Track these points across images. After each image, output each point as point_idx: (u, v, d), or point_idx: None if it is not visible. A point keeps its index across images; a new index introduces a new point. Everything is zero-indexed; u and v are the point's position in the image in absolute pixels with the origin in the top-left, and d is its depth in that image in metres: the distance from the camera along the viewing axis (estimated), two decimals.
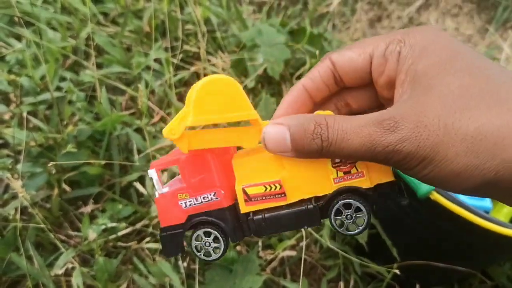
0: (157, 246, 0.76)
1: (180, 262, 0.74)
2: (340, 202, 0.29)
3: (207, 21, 1.07)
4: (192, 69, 0.90)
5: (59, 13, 0.99)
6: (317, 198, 0.30)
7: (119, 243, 0.77)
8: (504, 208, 0.86)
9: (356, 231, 0.29)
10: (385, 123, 0.27)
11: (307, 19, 1.18)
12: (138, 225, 0.77)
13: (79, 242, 0.77)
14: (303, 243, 0.77)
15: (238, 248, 0.77)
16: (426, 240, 0.76)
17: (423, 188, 0.66)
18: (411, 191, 0.67)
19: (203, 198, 0.31)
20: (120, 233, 0.76)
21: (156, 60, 0.94)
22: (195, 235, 0.32)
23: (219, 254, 0.31)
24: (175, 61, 0.94)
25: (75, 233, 0.78)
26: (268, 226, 0.30)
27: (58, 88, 0.84)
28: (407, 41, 0.30)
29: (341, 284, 0.76)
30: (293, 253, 0.77)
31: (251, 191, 0.30)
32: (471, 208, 0.67)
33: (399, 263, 0.75)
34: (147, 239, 0.77)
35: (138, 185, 0.78)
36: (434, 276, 0.81)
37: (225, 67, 0.94)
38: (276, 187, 0.30)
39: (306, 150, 0.29)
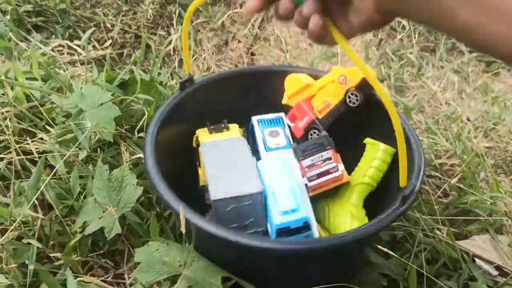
0: None
1: None
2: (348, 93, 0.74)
3: (29, 99, 0.99)
4: (6, 159, 0.81)
5: None
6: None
7: None
8: (350, 199, 0.79)
9: (357, 102, 0.74)
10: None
11: (136, 66, 1.14)
12: None
13: None
14: None
15: None
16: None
17: None
18: None
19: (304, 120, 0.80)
20: None
21: None
22: None
23: None
24: None
25: None
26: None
27: None
28: None
29: None
30: None
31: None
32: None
33: None
34: None
35: None
36: None
37: (52, 142, 0.86)
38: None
39: None
